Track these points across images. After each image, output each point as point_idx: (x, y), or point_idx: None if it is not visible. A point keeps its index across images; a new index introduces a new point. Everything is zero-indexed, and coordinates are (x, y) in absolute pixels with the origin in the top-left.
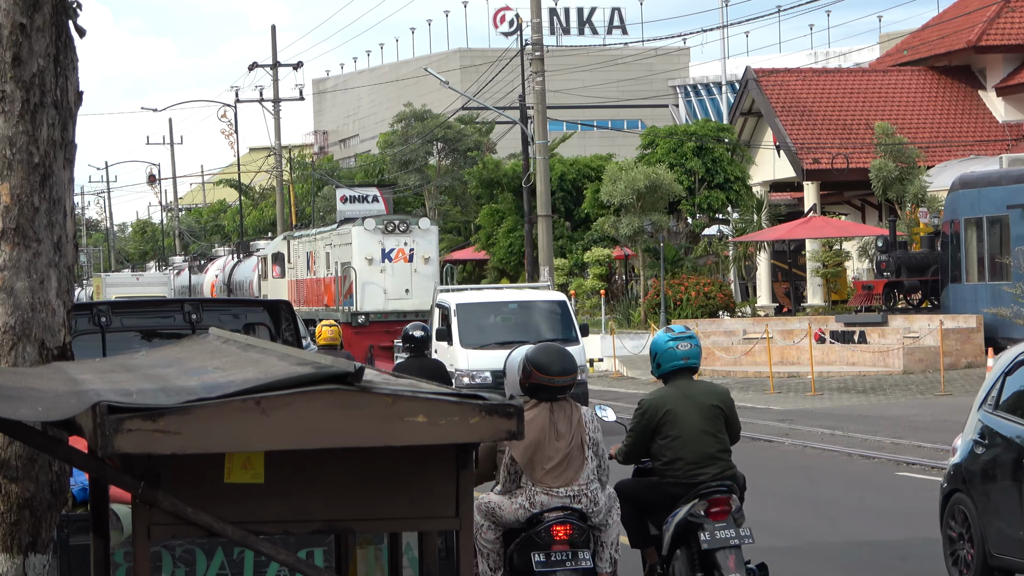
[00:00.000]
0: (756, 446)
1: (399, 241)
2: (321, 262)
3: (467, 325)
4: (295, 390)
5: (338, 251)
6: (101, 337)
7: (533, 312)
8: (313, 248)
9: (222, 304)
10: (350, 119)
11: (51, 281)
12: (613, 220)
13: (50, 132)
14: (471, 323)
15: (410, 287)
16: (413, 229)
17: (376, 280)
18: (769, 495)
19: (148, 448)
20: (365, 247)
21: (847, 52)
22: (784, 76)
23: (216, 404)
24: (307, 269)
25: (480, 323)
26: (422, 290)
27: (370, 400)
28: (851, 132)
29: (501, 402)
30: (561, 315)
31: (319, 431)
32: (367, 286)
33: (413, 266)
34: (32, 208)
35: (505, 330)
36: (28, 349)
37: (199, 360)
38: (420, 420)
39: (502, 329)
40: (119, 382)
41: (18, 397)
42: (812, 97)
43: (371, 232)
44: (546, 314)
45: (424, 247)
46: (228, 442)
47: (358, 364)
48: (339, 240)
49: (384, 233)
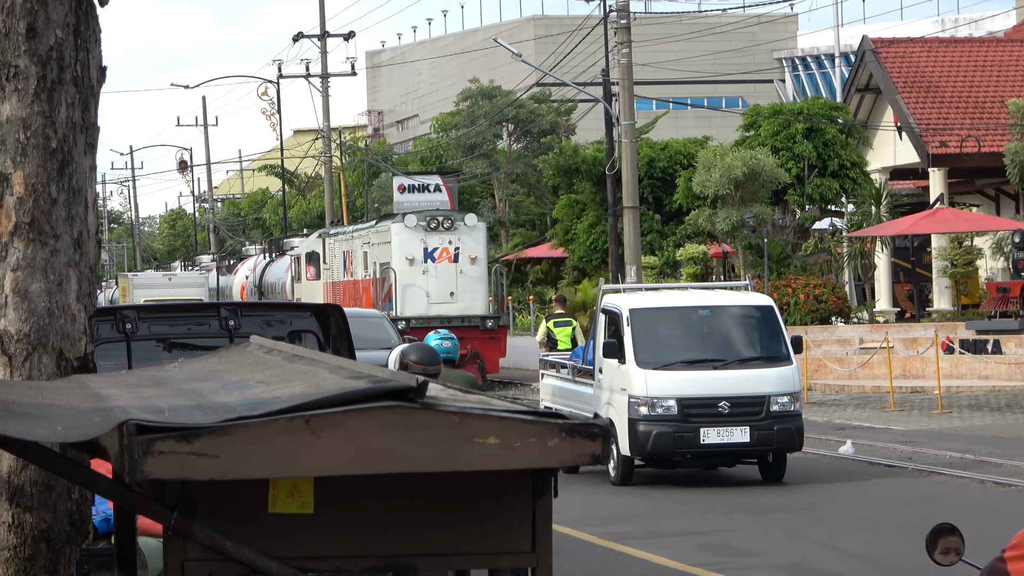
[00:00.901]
0: (874, 471)
1: (443, 239)
2: (359, 262)
3: (645, 338)
4: (349, 407)
5: (377, 250)
6: (126, 346)
7: (729, 320)
8: (350, 247)
9: (264, 309)
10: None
11: (70, 282)
12: (709, 213)
13: (69, 113)
14: (650, 335)
15: (455, 290)
16: (459, 226)
17: (418, 282)
18: (889, 528)
19: (182, 473)
20: (406, 246)
21: (979, 19)
22: (906, 47)
23: (259, 423)
24: (344, 270)
25: (661, 334)
26: (469, 293)
27: (435, 419)
28: (983, 111)
29: (584, 421)
30: (767, 324)
31: (376, 454)
32: (408, 289)
33: (459, 267)
34: (49, 199)
35: (694, 344)
36: (45, 360)
37: (239, 373)
38: (492, 442)
39: (690, 343)
40: (149, 398)
41: (34, 415)
42: (939, 71)
43: (412, 229)
44: (747, 323)
45: (471, 245)
46: (273, 466)
47: (421, 378)
48: (377, 238)
49: (427, 230)
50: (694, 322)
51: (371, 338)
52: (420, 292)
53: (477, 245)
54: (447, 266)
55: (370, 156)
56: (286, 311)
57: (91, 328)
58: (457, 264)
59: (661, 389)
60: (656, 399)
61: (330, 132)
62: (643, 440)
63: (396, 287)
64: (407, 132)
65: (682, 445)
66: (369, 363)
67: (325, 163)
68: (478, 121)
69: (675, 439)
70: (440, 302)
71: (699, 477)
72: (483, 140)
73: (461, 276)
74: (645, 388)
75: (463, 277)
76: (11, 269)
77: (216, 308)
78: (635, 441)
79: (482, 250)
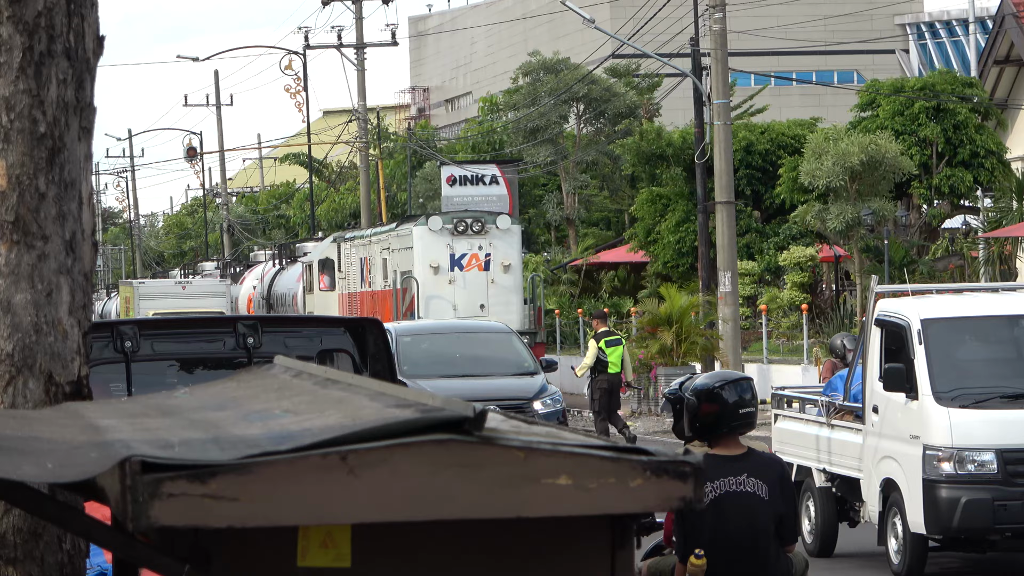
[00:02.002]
0: None
1: (472, 244)
2: (377, 270)
3: (946, 361)
4: (393, 441)
5: (397, 256)
6: (126, 368)
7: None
8: (368, 253)
9: (289, 324)
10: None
11: (61, 293)
12: (818, 208)
13: (60, 91)
14: (953, 357)
15: (486, 302)
16: (490, 229)
17: (443, 293)
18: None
19: (195, 520)
20: (429, 252)
21: None
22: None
23: (287, 460)
24: (361, 279)
25: (970, 356)
26: (501, 305)
27: (495, 455)
28: None
29: (672, 457)
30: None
31: (425, 497)
32: (432, 300)
33: (490, 275)
34: (36, 194)
35: (1019, 370)
36: (31, 384)
37: (262, 400)
38: (563, 483)
39: (1013, 369)
40: (155, 430)
41: (18, 450)
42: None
43: (437, 233)
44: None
45: (504, 251)
46: (303, 512)
47: (478, 405)
48: (398, 243)
49: (453, 234)
50: (1017, 339)
51: (499, 361)
52: (446, 304)
53: (511, 251)
54: (476, 275)
55: (414, 141)
56: (315, 326)
57: (86, 347)
58: (488, 272)
59: (973, 436)
60: (966, 451)
61: (366, 113)
62: (946, 511)
63: (418, 299)
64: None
65: (1005, 519)
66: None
67: (360, 150)
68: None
69: (994, 509)
70: (469, 316)
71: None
72: (548, 122)
73: (492, 286)
74: (949, 434)
75: (495, 287)
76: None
77: (232, 323)
78: (934, 512)
79: (516, 256)
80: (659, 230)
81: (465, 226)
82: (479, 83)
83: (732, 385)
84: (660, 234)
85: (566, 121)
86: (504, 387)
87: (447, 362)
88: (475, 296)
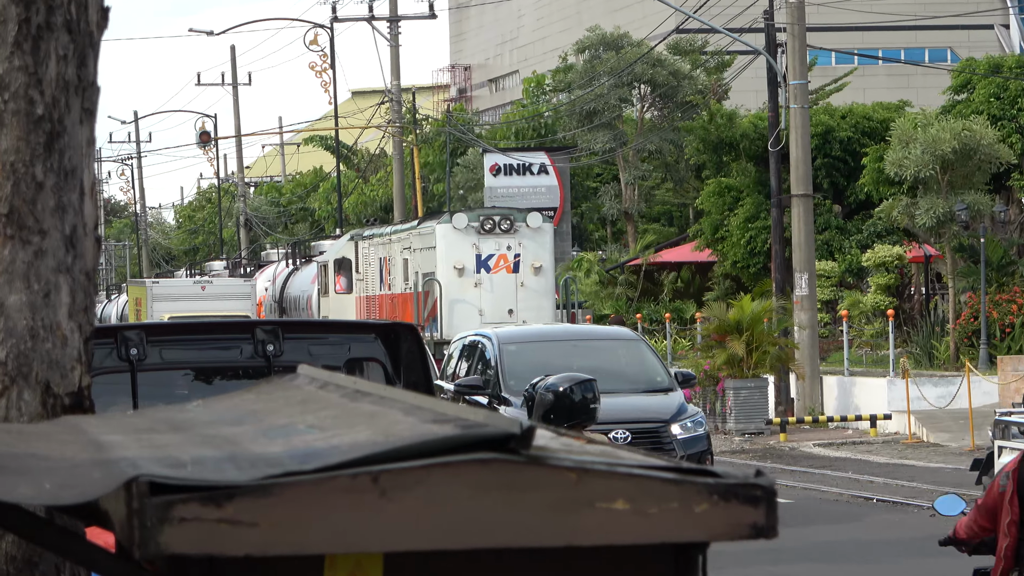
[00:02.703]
0: None
1: (500, 244)
2: (398, 271)
3: None
4: (430, 460)
5: (419, 257)
6: (132, 377)
7: None
8: (387, 252)
9: (314, 330)
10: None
11: (61, 293)
12: (906, 203)
13: (60, 69)
14: None
15: (515, 306)
16: (519, 227)
17: (468, 297)
18: None
19: (210, 547)
20: (453, 252)
21: None
22: None
23: (312, 481)
24: (380, 281)
25: None
26: (532, 311)
27: (544, 476)
28: None
29: (742, 480)
30: None
31: (466, 523)
32: (456, 305)
33: (519, 277)
34: (33, 183)
35: None
36: (26, 396)
37: (284, 414)
38: (620, 507)
39: None
40: (164, 447)
41: (12, 469)
42: None
43: (462, 232)
44: None
45: (535, 251)
46: (330, 539)
47: (525, 421)
48: (420, 242)
49: (480, 233)
50: None
51: (626, 375)
52: (471, 309)
53: (542, 251)
54: (505, 277)
55: (453, 126)
56: (343, 332)
57: (88, 354)
58: (517, 275)
59: None
60: None
61: (400, 94)
62: None
63: (441, 303)
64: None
65: None
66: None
67: (393, 135)
68: (598, 80)
69: None
70: (496, 321)
71: None
72: (605, 105)
73: (522, 289)
74: None
75: (524, 291)
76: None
77: (250, 328)
78: None
79: (548, 257)
80: (728, 226)
81: (492, 224)
82: (526, 61)
83: (579, 385)
84: (729, 231)
85: (626, 104)
86: (635, 407)
87: None
88: (503, 300)
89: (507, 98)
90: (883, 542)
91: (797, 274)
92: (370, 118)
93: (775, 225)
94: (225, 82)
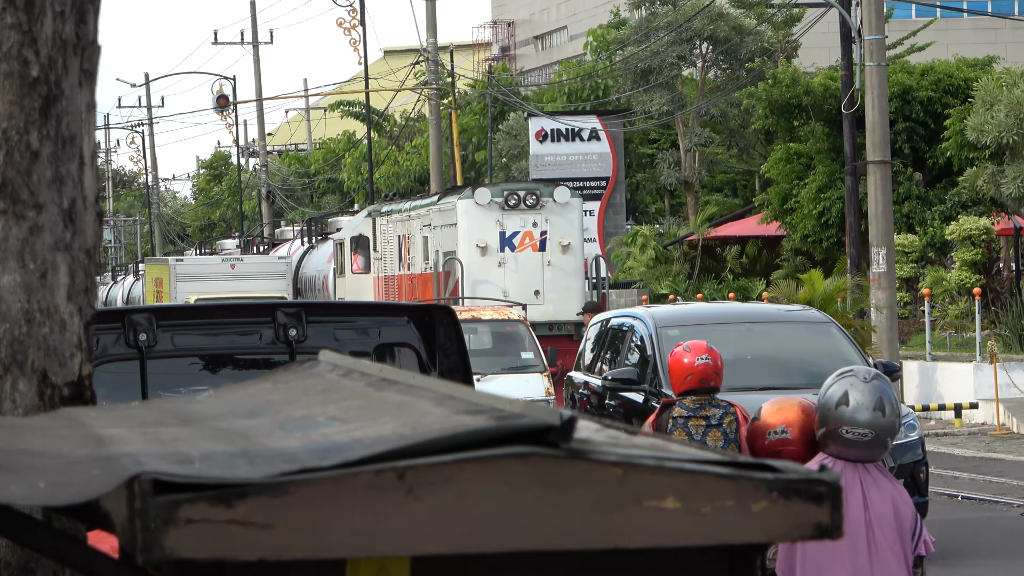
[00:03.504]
0: None
1: (525, 221)
2: (417, 250)
3: None
4: (462, 455)
5: (440, 235)
6: (140, 365)
7: None
8: (407, 230)
9: (340, 312)
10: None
11: (58, 273)
12: (992, 170)
13: (57, 26)
14: None
15: (541, 287)
16: (546, 203)
17: (492, 277)
18: None
19: (220, 551)
20: (475, 230)
21: None
22: None
23: (332, 478)
24: (399, 260)
25: None
26: (559, 291)
27: (586, 472)
28: None
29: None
30: None
31: (501, 523)
32: (479, 286)
33: (546, 256)
34: (28, 152)
35: None
36: (21, 386)
37: (303, 405)
38: (669, 506)
39: None
40: (171, 441)
41: (4, 466)
42: None
43: (484, 208)
44: None
45: (563, 228)
46: (352, 541)
47: (566, 412)
48: (440, 219)
49: (504, 209)
50: None
51: (815, 365)
52: (495, 290)
53: (571, 228)
54: (530, 256)
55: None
56: (373, 315)
57: (88, 340)
58: (544, 253)
59: None
60: None
61: (437, 53)
62: None
63: (463, 283)
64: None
65: None
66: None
67: (429, 98)
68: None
69: None
70: (521, 303)
71: None
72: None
73: (549, 269)
74: None
75: (552, 270)
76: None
77: (270, 310)
78: None
79: (577, 235)
80: (797, 197)
81: (517, 199)
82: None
83: None
84: (799, 202)
85: (685, 63)
86: None
87: (736, 367)
88: (529, 280)
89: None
90: (969, 543)
91: (874, 249)
92: (403, 80)
93: (849, 195)
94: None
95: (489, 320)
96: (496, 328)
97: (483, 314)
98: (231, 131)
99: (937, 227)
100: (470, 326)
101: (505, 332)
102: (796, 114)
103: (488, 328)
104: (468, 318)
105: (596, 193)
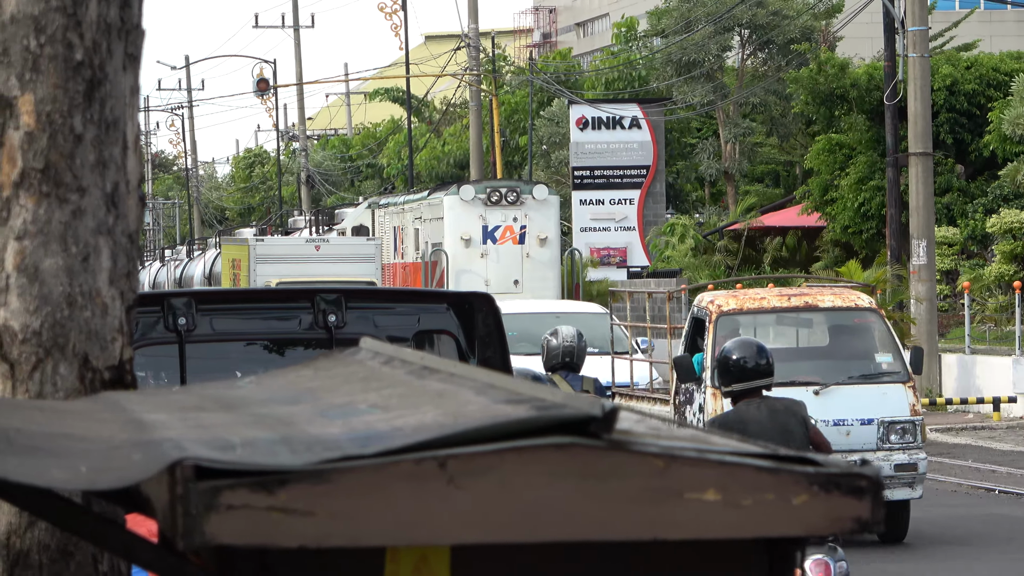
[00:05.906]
0: None
1: (506, 215)
2: (410, 241)
3: None
4: (503, 445)
5: (429, 227)
6: (179, 351)
7: None
8: (401, 222)
9: (380, 298)
10: None
11: (101, 257)
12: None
13: (102, 9)
14: None
15: (520, 277)
16: (525, 200)
17: (475, 268)
18: None
19: (260, 538)
20: (460, 223)
21: None
22: None
23: (373, 466)
24: (394, 250)
25: None
26: (537, 281)
27: (627, 463)
28: None
29: (845, 469)
30: None
31: (542, 514)
32: (462, 275)
33: (525, 249)
34: (71, 136)
35: None
36: (62, 369)
37: (344, 392)
38: (710, 498)
39: None
40: (212, 427)
41: (46, 450)
42: None
43: (469, 203)
44: None
45: (540, 223)
46: (392, 530)
47: (608, 402)
48: (429, 213)
49: (487, 204)
50: None
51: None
52: (477, 279)
53: (548, 223)
54: (510, 248)
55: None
56: (413, 301)
57: (130, 324)
58: (523, 246)
59: None
60: None
61: (478, 38)
62: None
63: (448, 273)
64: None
65: None
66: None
67: (470, 84)
68: (697, 25)
69: None
70: (502, 292)
71: None
72: (704, 53)
73: (527, 260)
74: None
75: (530, 262)
76: (15, 237)
77: (310, 296)
78: None
79: (554, 229)
80: (838, 187)
81: (499, 196)
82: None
83: None
84: (839, 192)
85: (727, 52)
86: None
87: None
88: (509, 271)
89: (596, 44)
90: (1006, 538)
91: (914, 241)
92: (444, 65)
93: (891, 186)
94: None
95: (828, 308)
96: (836, 320)
97: (821, 299)
98: (271, 115)
99: (978, 220)
100: (803, 316)
101: (852, 326)
102: (838, 104)
103: (824, 319)
104: (801, 304)
105: (636, 182)
